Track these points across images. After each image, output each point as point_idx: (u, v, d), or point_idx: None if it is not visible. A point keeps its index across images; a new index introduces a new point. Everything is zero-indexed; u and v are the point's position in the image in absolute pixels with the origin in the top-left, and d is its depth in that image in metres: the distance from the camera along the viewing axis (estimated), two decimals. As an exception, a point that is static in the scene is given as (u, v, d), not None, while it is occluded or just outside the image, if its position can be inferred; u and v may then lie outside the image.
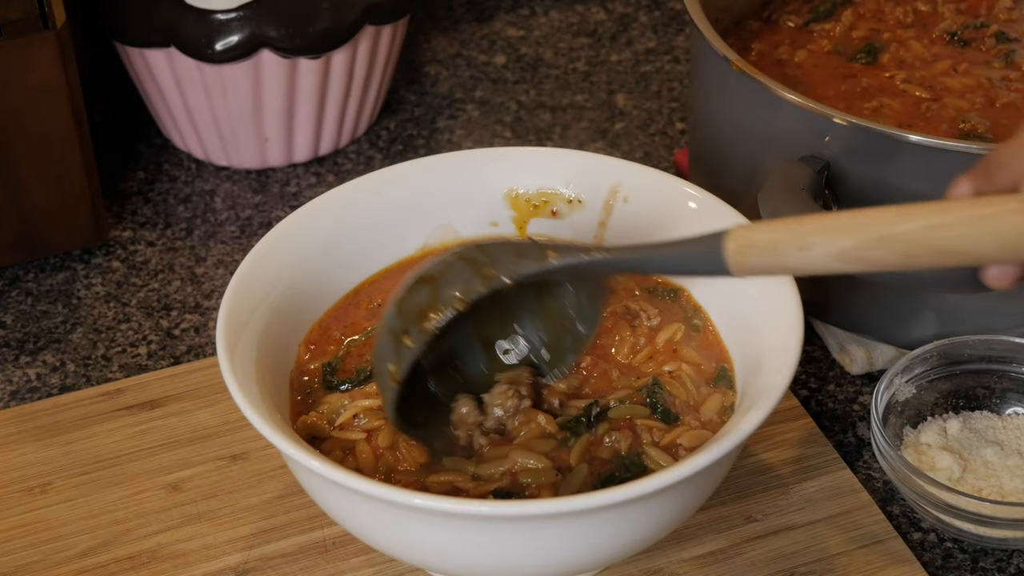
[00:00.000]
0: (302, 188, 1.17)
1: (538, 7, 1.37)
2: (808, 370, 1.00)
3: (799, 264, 0.70)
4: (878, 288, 0.94)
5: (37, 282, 1.09)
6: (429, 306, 0.77)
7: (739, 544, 0.87)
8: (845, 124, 0.88)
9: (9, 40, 0.99)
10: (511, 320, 0.84)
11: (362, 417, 0.82)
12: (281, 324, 0.85)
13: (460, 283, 0.77)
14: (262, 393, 0.79)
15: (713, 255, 0.72)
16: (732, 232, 0.72)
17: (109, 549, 0.88)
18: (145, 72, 1.15)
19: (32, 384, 1.00)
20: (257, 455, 0.93)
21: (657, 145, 1.21)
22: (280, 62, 1.11)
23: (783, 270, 0.71)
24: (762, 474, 0.91)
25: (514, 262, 0.77)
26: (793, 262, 0.70)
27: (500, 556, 0.76)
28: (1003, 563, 0.88)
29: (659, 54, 1.31)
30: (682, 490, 0.76)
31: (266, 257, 0.87)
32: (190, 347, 1.03)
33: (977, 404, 0.93)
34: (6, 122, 1.01)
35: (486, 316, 0.81)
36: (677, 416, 0.82)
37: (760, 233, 0.71)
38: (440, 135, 1.22)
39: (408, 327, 0.77)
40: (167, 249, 1.12)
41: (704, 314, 0.88)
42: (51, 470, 0.93)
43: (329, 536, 0.88)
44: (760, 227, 0.71)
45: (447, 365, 0.82)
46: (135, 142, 1.22)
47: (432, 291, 0.78)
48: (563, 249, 0.77)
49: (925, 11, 1.08)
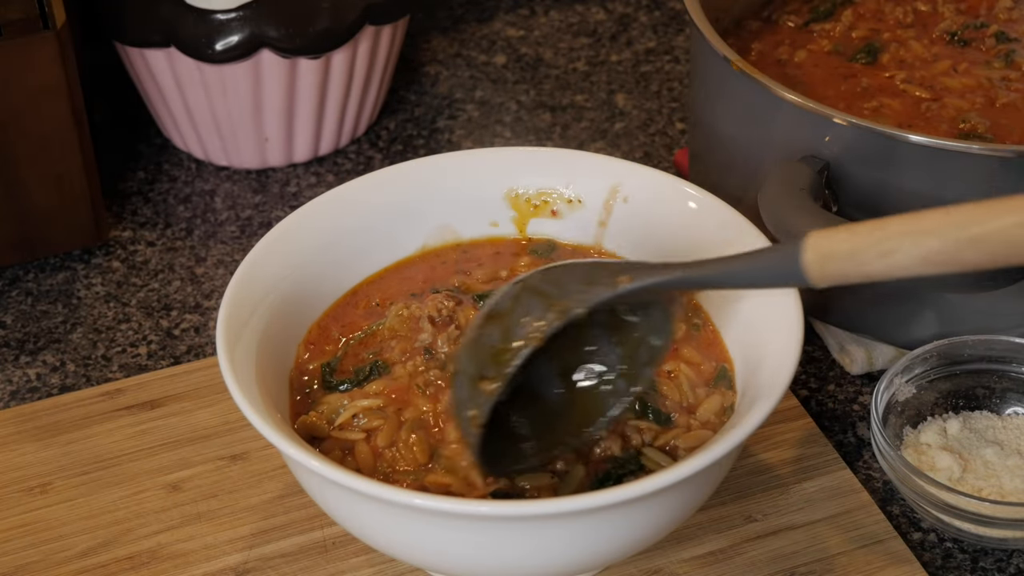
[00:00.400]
0: (302, 188, 1.17)
1: (538, 7, 1.37)
2: (808, 370, 1.00)
3: (882, 270, 0.68)
4: (878, 288, 0.94)
5: (37, 282, 1.09)
6: (503, 346, 0.75)
7: (739, 544, 0.87)
8: (845, 124, 0.88)
9: (9, 40, 0.99)
10: (584, 343, 0.79)
11: (361, 417, 0.82)
12: (281, 324, 0.85)
13: (532, 318, 0.74)
14: (262, 393, 0.79)
15: (792, 266, 0.70)
16: (810, 241, 0.70)
17: (109, 549, 0.88)
18: (145, 72, 1.15)
19: (32, 384, 1.01)
20: (257, 455, 0.93)
21: (657, 145, 1.21)
22: (280, 62, 1.11)
23: (865, 277, 0.69)
24: (762, 474, 0.91)
25: (585, 291, 0.74)
26: (876, 268, 0.68)
27: (500, 556, 0.76)
28: (1003, 563, 0.88)
29: (659, 54, 1.31)
30: (682, 490, 0.76)
31: (266, 257, 0.87)
32: (190, 347, 1.03)
33: (977, 404, 0.93)
34: (6, 122, 1.01)
35: (559, 342, 0.77)
36: (669, 417, 0.82)
37: (840, 242, 0.69)
38: (440, 135, 1.22)
39: (484, 370, 0.75)
40: (167, 249, 1.12)
41: (704, 314, 0.88)
42: (51, 470, 0.93)
43: (329, 536, 0.88)
44: (839, 234, 0.69)
45: (524, 396, 0.79)
46: (135, 142, 1.22)
47: (504, 329, 0.75)
48: (635, 270, 0.75)
49: (925, 11, 1.08)
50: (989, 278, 0.84)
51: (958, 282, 0.84)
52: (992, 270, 0.67)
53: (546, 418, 0.79)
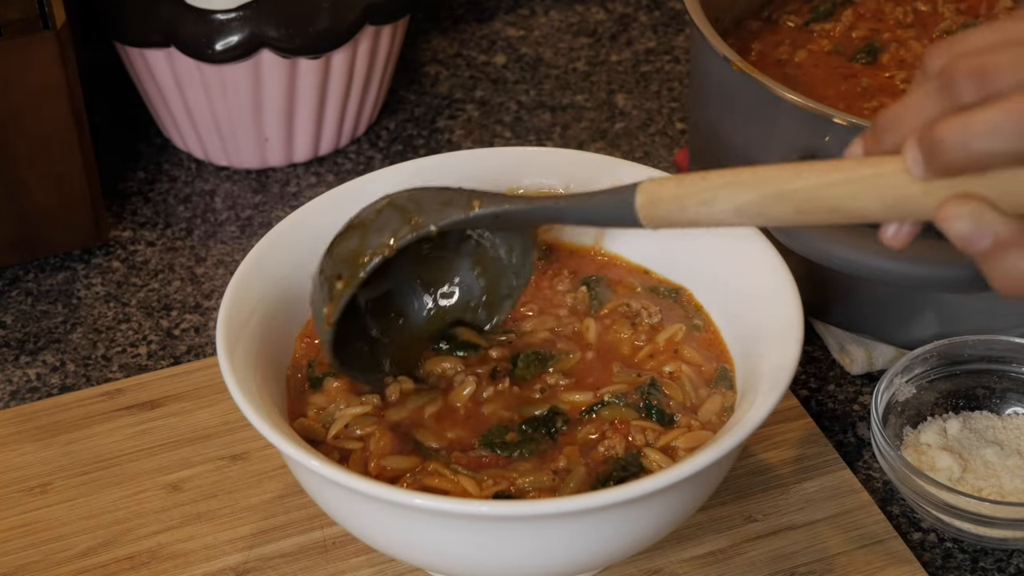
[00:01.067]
0: (302, 188, 1.17)
1: (538, 7, 1.37)
2: (808, 370, 1.00)
3: (702, 218, 0.72)
4: (878, 288, 0.94)
5: (37, 282, 1.09)
6: (359, 251, 0.81)
7: (739, 544, 0.87)
8: (845, 124, 0.88)
9: (9, 40, 0.99)
10: (450, 267, 0.87)
11: (355, 428, 0.81)
12: (281, 324, 0.85)
13: (388, 230, 0.80)
14: (262, 393, 0.79)
15: (625, 206, 0.75)
16: (643, 185, 0.74)
17: (109, 549, 0.88)
18: (145, 72, 1.15)
19: (32, 384, 1.01)
20: (257, 455, 0.93)
21: (657, 145, 1.21)
22: (280, 62, 1.11)
23: (688, 223, 0.73)
24: (762, 474, 0.91)
25: (440, 211, 0.80)
26: (696, 215, 0.72)
27: (500, 556, 0.76)
28: (1003, 563, 0.88)
29: (659, 54, 1.31)
30: (682, 490, 0.76)
31: (266, 257, 0.87)
32: (190, 347, 1.03)
33: (977, 404, 0.93)
34: (6, 122, 1.01)
35: (426, 261, 0.86)
36: (672, 417, 0.82)
37: (667, 189, 0.73)
38: (440, 135, 1.22)
39: (340, 271, 0.81)
40: (167, 249, 1.12)
41: (705, 314, 0.88)
42: (51, 470, 0.93)
43: (329, 536, 0.88)
44: (668, 181, 0.74)
45: (388, 308, 0.86)
46: (135, 142, 1.22)
47: (362, 237, 0.81)
48: (488, 198, 0.80)
49: (925, 11, 1.08)
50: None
51: (958, 282, 0.84)
52: None
53: (407, 335, 0.87)
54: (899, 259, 0.84)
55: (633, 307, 0.88)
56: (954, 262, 0.83)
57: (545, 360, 0.85)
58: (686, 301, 0.89)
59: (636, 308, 0.88)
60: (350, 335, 0.83)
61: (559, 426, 0.81)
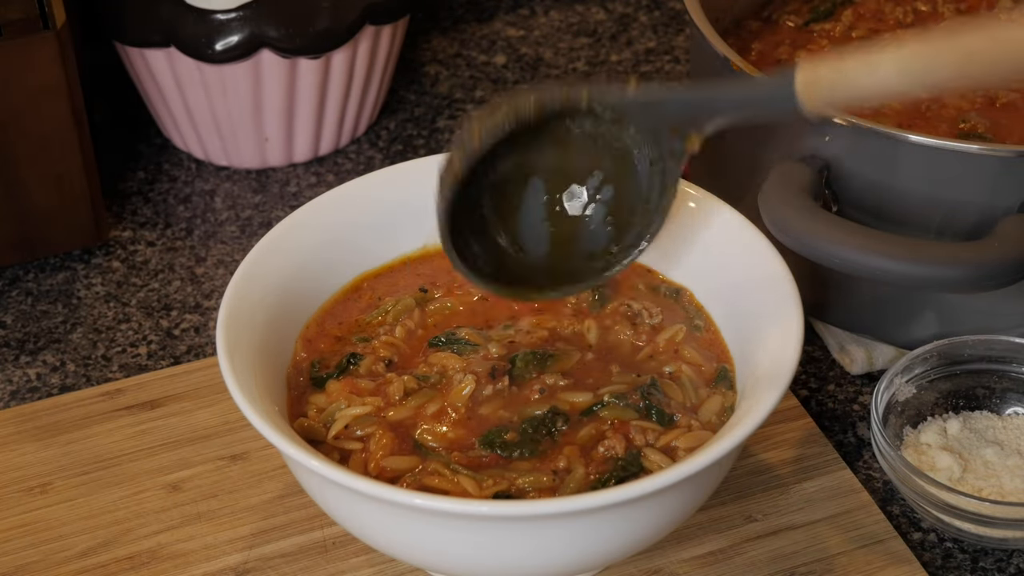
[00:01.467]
0: (302, 188, 1.17)
1: (538, 7, 1.37)
2: (808, 370, 1.00)
3: (865, 87, 0.72)
4: (878, 288, 0.94)
5: (37, 282, 1.09)
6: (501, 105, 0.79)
7: (739, 544, 0.87)
8: (845, 124, 0.88)
9: (9, 40, 0.99)
10: (584, 175, 0.84)
11: (355, 429, 0.81)
12: (281, 324, 0.86)
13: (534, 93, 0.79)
14: (262, 393, 0.79)
15: (785, 88, 0.74)
16: (802, 65, 0.74)
17: (109, 549, 0.88)
18: (145, 72, 1.15)
19: (32, 384, 1.01)
20: (257, 455, 0.93)
21: (657, 145, 1.20)
22: (280, 62, 1.11)
23: (850, 97, 0.73)
24: (762, 474, 0.91)
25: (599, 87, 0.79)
26: (859, 85, 0.72)
27: (500, 556, 0.76)
28: (1003, 563, 0.88)
29: (659, 54, 1.31)
30: (682, 490, 0.76)
31: (266, 257, 0.87)
32: (190, 347, 1.03)
33: (977, 404, 0.93)
34: (6, 122, 1.01)
35: (563, 159, 0.82)
36: (672, 417, 0.82)
37: (828, 63, 0.73)
38: (440, 135, 1.22)
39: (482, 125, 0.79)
40: (167, 249, 1.12)
41: (705, 314, 0.88)
42: (51, 470, 0.93)
43: (329, 536, 0.88)
44: (827, 59, 0.74)
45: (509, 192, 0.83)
46: (135, 142, 1.22)
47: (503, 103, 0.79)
48: (646, 87, 0.79)
49: (925, 11, 1.08)
50: (988, 278, 0.84)
51: (958, 282, 0.84)
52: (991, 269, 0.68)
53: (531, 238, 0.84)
54: (899, 259, 0.84)
55: (634, 308, 0.88)
56: (954, 262, 0.83)
57: (545, 360, 0.85)
58: (687, 301, 0.89)
59: (637, 309, 0.88)
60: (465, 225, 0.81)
61: (559, 426, 0.81)
